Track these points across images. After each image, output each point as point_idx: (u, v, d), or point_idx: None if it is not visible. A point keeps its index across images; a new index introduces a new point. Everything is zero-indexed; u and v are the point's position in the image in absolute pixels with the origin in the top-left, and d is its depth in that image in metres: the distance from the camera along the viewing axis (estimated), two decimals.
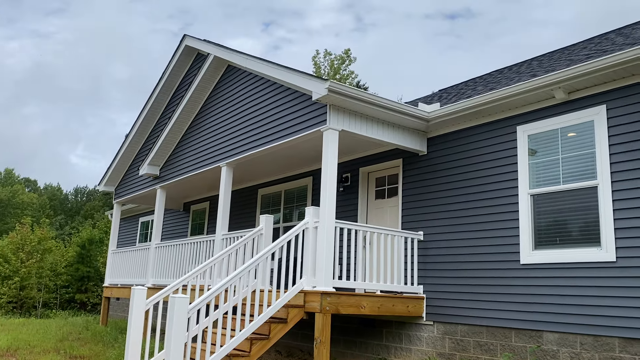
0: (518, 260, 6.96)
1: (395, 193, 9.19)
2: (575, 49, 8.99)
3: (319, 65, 36.72)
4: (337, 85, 7.15)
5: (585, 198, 6.42)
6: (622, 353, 5.84)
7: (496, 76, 10.07)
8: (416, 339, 8.13)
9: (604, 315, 6.02)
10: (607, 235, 6.12)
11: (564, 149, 6.75)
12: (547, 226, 6.82)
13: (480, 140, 7.77)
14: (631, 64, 5.93)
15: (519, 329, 6.83)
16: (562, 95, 6.69)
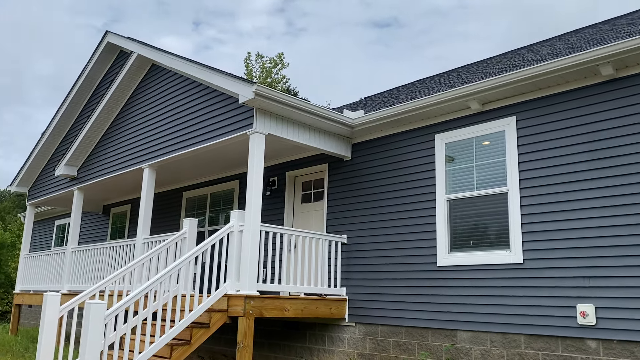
0: (435, 263, 7.28)
1: (321, 197, 9.33)
2: (491, 63, 9.53)
3: (251, 67, 36.51)
4: (264, 89, 7.18)
5: (497, 203, 6.82)
6: (527, 349, 6.25)
7: (418, 86, 10.47)
8: (338, 340, 8.28)
9: (511, 314, 6.42)
10: (516, 238, 6.53)
11: (478, 157, 7.14)
12: (462, 230, 7.18)
13: (401, 147, 8.06)
14: (538, 78, 6.38)
15: (435, 328, 7.13)
16: (476, 106, 7.08)
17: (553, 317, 6.06)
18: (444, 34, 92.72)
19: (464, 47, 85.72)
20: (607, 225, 5.81)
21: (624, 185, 5.78)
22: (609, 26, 8.26)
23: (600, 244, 5.83)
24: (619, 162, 5.85)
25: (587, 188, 6.04)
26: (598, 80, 6.15)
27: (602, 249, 5.80)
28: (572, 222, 6.08)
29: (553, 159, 6.39)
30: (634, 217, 5.64)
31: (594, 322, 5.73)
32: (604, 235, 5.82)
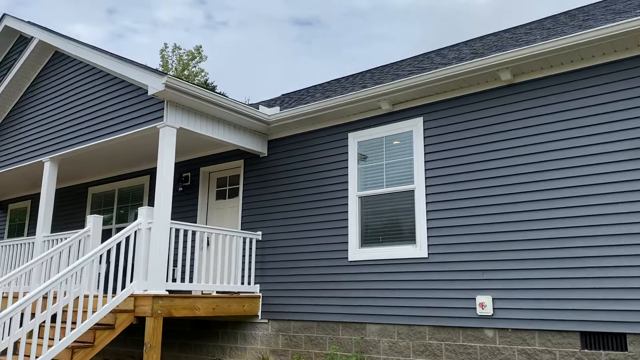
0: (346, 258, 7.43)
1: (236, 194, 9.22)
2: (402, 65, 9.86)
3: (167, 59, 35.35)
4: (175, 81, 6.98)
5: (405, 200, 7.07)
6: (431, 340, 6.54)
7: (334, 85, 10.62)
8: (251, 337, 8.24)
9: (417, 306, 6.69)
10: (421, 234, 6.80)
11: (388, 156, 7.36)
12: (372, 225, 7.38)
13: (316, 145, 8.14)
14: (443, 81, 6.68)
15: (346, 322, 7.28)
16: (387, 107, 7.29)
17: (455, 309, 6.38)
18: (362, 35, 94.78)
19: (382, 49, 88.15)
20: (502, 221, 6.20)
21: (518, 184, 6.18)
22: (509, 34, 8.79)
23: (496, 239, 6.21)
24: (516, 162, 6.25)
25: (486, 186, 6.41)
26: (498, 85, 6.53)
27: (498, 244, 6.18)
28: (472, 219, 6.43)
29: (456, 158, 6.71)
30: (526, 214, 6.05)
31: (491, 313, 6.10)
32: (500, 230, 6.20)
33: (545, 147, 6.08)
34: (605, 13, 7.23)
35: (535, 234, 5.95)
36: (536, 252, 5.91)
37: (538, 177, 6.06)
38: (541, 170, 6.05)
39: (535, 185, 6.05)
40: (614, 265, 5.44)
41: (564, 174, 5.89)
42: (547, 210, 5.92)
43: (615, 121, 5.70)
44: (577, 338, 5.60)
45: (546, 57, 5.96)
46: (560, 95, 6.10)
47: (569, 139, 5.94)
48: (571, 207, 5.78)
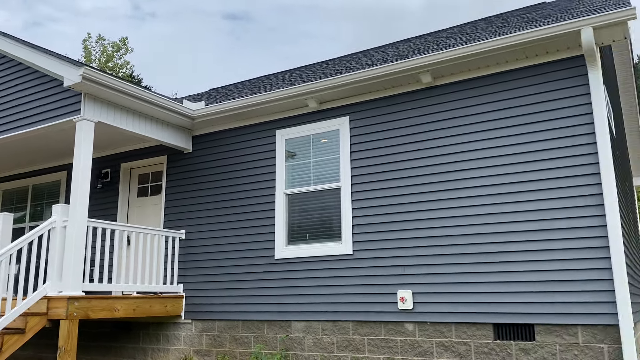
0: (273, 256, 7.41)
1: (159, 191, 8.95)
2: (330, 64, 9.94)
3: (90, 50, 33.76)
4: (93, 72, 6.67)
5: (331, 198, 7.15)
6: (354, 335, 6.65)
7: (263, 81, 10.55)
8: (174, 338, 8.03)
9: (341, 302, 6.78)
10: (346, 231, 6.90)
11: (315, 154, 7.41)
12: (299, 223, 7.40)
13: (243, 141, 8.05)
14: (368, 82, 6.81)
15: (272, 320, 7.27)
16: (314, 105, 7.33)
17: (378, 304, 6.53)
18: (295, 32, 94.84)
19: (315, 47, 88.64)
20: (423, 218, 6.41)
21: (437, 182, 6.41)
22: (432, 38, 9.09)
23: (416, 235, 6.41)
24: (435, 161, 6.48)
25: (407, 185, 6.60)
26: (420, 87, 6.74)
27: (418, 240, 6.39)
28: (395, 216, 6.61)
29: (380, 157, 6.87)
30: (444, 211, 6.29)
31: (412, 307, 6.30)
32: (420, 227, 6.41)
33: (463, 148, 6.34)
34: (519, 21, 7.64)
35: (452, 231, 6.20)
36: (453, 248, 6.16)
37: (455, 176, 6.31)
38: (458, 170, 6.30)
39: (452, 184, 6.30)
40: (523, 260, 5.77)
41: (478, 173, 6.18)
42: (463, 208, 6.19)
43: (525, 124, 6.04)
44: (490, 330, 5.89)
45: (463, 61, 6.22)
46: (477, 98, 6.39)
47: (485, 140, 6.23)
48: (485, 204, 6.07)
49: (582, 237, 5.53)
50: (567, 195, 5.67)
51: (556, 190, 5.73)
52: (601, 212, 5.47)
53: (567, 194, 5.67)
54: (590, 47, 5.51)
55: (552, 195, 5.73)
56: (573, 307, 5.48)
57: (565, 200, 5.67)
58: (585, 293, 5.44)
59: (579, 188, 5.62)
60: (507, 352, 5.75)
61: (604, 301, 5.34)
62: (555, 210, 5.69)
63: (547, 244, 5.67)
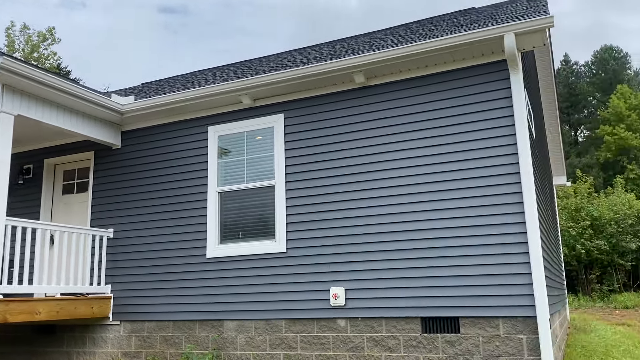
0: (205, 255, 7.29)
1: (85, 188, 8.59)
2: (266, 61, 9.89)
3: (13, 39, 31.88)
4: (12, 62, 6.30)
5: (265, 196, 7.12)
6: (287, 332, 6.67)
7: (197, 76, 10.34)
8: (101, 340, 7.75)
9: (274, 300, 6.78)
10: (280, 229, 6.90)
11: (249, 151, 7.35)
12: (232, 221, 7.32)
13: (174, 137, 7.87)
14: (302, 80, 6.83)
15: (204, 320, 7.15)
16: (248, 101, 7.27)
17: (310, 301, 6.57)
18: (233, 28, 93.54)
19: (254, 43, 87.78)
20: (355, 215, 6.52)
21: (369, 180, 6.53)
22: (367, 38, 9.24)
23: (349, 232, 6.51)
24: (368, 160, 6.59)
25: (340, 183, 6.68)
26: (353, 87, 6.83)
27: (351, 237, 6.49)
28: (328, 213, 6.67)
29: (315, 155, 6.91)
30: (375, 209, 6.42)
31: (344, 303, 6.39)
32: (352, 224, 6.51)
33: (395, 147, 6.49)
34: (449, 25, 7.89)
35: (384, 228, 6.34)
36: (384, 245, 6.30)
37: (387, 174, 6.45)
38: (390, 169, 6.45)
39: (383, 183, 6.44)
40: (449, 255, 5.98)
41: (409, 172, 6.34)
42: (393, 206, 6.34)
43: (452, 125, 6.26)
44: (418, 324, 6.08)
45: (395, 62, 6.36)
46: (408, 99, 6.55)
47: (415, 139, 6.40)
48: (414, 202, 6.25)
49: (503, 234, 5.80)
50: (490, 193, 5.93)
51: (479, 189, 5.98)
52: (520, 209, 5.76)
53: (490, 192, 5.93)
54: (512, 52, 5.78)
55: (476, 194, 5.98)
56: (495, 301, 5.74)
57: (487, 199, 5.92)
58: (505, 287, 5.71)
59: (500, 187, 5.90)
60: (433, 345, 5.95)
61: (522, 294, 5.63)
62: (479, 208, 5.94)
63: (471, 240, 5.91)
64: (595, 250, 20.87)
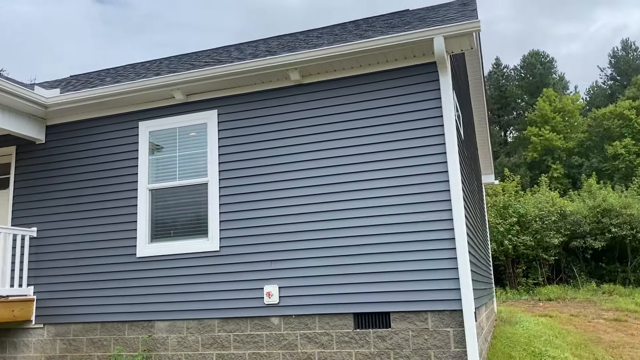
0: (134, 254, 7.07)
1: (6, 185, 8.12)
2: (201, 56, 9.71)
3: None
4: None
5: (198, 193, 7.00)
6: (220, 332, 6.58)
7: (129, 70, 10.00)
8: (23, 345, 7.36)
9: (207, 299, 6.67)
10: (214, 227, 6.80)
11: (181, 147, 7.19)
12: (164, 219, 7.14)
13: (103, 133, 7.58)
14: (236, 76, 6.74)
15: (134, 321, 6.94)
16: (181, 97, 7.11)
17: (244, 300, 6.53)
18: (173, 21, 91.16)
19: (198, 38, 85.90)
20: (289, 213, 6.52)
21: (303, 179, 6.55)
22: (304, 36, 9.25)
23: (283, 230, 6.51)
24: (303, 158, 6.61)
25: (275, 180, 6.67)
26: (288, 84, 6.83)
27: (285, 235, 6.49)
28: (262, 211, 6.64)
29: (250, 152, 6.85)
30: (309, 207, 6.45)
31: (277, 301, 6.38)
32: (286, 222, 6.51)
33: (328, 145, 6.55)
34: (383, 26, 8.04)
35: (317, 225, 6.38)
36: (316, 242, 6.35)
37: (321, 172, 6.50)
38: (323, 167, 6.50)
39: (317, 181, 6.48)
40: (380, 252, 6.11)
41: (341, 170, 6.42)
42: (327, 204, 6.40)
43: (383, 124, 6.38)
44: (351, 319, 6.16)
45: (329, 61, 6.41)
46: (342, 97, 6.62)
47: (348, 138, 6.49)
48: (346, 200, 6.34)
49: (431, 230, 5.98)
50: (419, 191, 6.09)
51: (409, 187, 6.14)
52: (448, 207, 5.96)
53: (419, 190, 6.10)
54: (441, 55, 5.97)
55: (405, 192, 6.13)
56: (424, 295, 5.91)
57: (416, 196, 6.09)
58: (433, 282, 5.90)
59: (429, 185, 6.08)
60: (365, 340, 6.06)
61: (449, 289, 5.83)
62: (408, 206, 6.10)
63: (400, 237, 6.06)
64: (522, 246, 21.90)
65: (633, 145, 42.45)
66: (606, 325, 12.68)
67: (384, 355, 5.96)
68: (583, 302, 18.82)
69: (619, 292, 19.67)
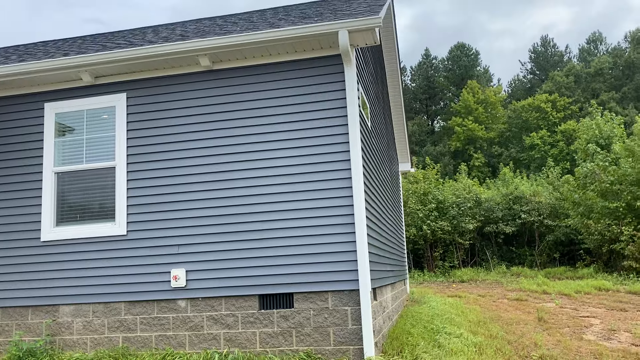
0: (39, 238, 6.94)
1: None
2: (116, 37, 9.49)
3: None
4: None
5: (105, 177, 6.94)
6: (127, 315, 6.62)
7: (39, 48, 9.61)
8: None
9: (113, 283, 6.68)
10: (121, 211, 6.79)
11: (89, 130, 7.09)
12: (70, 203, 7.04)
13: (5, 114, 7.33)
14: (146, 60, 6.69)
15: (37, 305, 6.84)
16: (88, 79, 6.99)
17: (151, 283, 6.59)
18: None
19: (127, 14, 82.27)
20: (196, 198, 6.63)
21: (211, 164, 6.67)
22: (222, 21, 9.26)
23: (190, 215, 6.61)
24: (210, 144, 6.71)
25: (183, 165, 6.74)
26: (199, 70, 6.88)
27: (192, 219, 6.59)
28: (170, 196, 6.70)
29: (158, 137, 6.87)
30: (216, 192, 6.59)
31: (184, 284, 6.50)
32: (193, 207, 6.62)
33: (237, 132, 6.68)
34: (298, 16, 8.20)
35: (223, 210, 6.54)
36: (223, 227, 6.50)
37: (228, 158, 6.64)
38: (230, 153, 6.64)
39: (224, 166, 6.62)
40: (284, 236, 6.35)
41: (247, 157, 6.59)
42: (233, 189, 6.56)
43: (291, 113, 6.60)
44: (256, 301, 6.39)
45: (239, 48, 6.52)
46: (252, 85, 6.77)
47: (257, 125, 6.65)
48: (252, 186, 6.52)
49: (332, 215, 6.28)
50: (322, 178, 6.37)
51: (313, 174, 6.40)
52: (349, 193, 6.28)
53: (322, 177, 6.37)
54: (345, 48, 6.22)
55: (309, 179, 6.40)
56: (325, 276, 6.23)
57: (320, 183, 6.37)
58: (334, 264, 6.22)
59: (332, 172, 6.36)
60: (269, 320, 6.31)
61: (348, 270, 6.17)
62: (312, 192, 6.37)
63: (304, 221, 6.33)
64: (439, 231, 23.05)
65: (548, 136, 45.32)
66: (508, 305, 13.70)
67: (286, 334, 6.24)
68: (493, 283, 20.14)
69: (525, 274, 21.19)
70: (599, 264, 20.77)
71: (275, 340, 6.25)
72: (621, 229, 18.94)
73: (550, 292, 15.96)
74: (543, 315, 10.84)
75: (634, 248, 18.12)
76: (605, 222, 19.42)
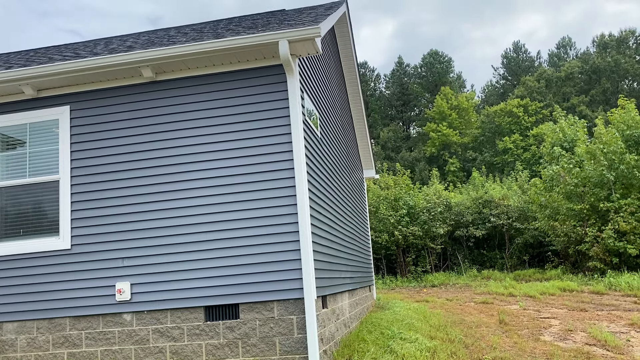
0: None
1: None
2: (68, 49, 9.39)
3: None
4: None
5: (49, 191, 6.85)
6: (72, 330, 6.52)
7: None
8: None
9: (58, 298, 6.58)
10: (65, 225, 6.69)
11: (32, 144, 7.00)
12: (14, 218, 6.92)
13: None
14: (88, 72, 6.63)
15: None
16: (31, 92, 6.91)
17: (96, 297, 6.50)
18: (76, 5, 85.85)
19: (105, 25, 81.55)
20: (141, 210, 6.57)
21: (156, 175, 6.62)
22: (176, 31, 9.24)
23: (135, 228, 6.55)
24: (155, 155, 6.67)
25: (128, 177, 6.68)
26: (142, 81, 6.84)
27: (137, 232, 6.53)
28: (115, 209, 6.63)
29: (103, 149, 6.80)
30: (161, 204, 6.54)
31: (129, 297, 6.42)
32: (139, 219, 6.56)
33: (181, 143, 6.65)
34: (248, 26, 8.21)
35: (168, 222, 6.49)
36: (168, 239, 6.45)
37: (172, 169, 6.60)
38: (175, 164, 6.61)
39: (169, 178, 6.58)
40: (229, 246, 6.33)
41: (192, 167, 6.56)
42: (177, 200, 6.52)
43: (235, 123, 6.59)
44: (201, 313, 6.34)
45: (181, 59, 6.49)
46: (196, 95, 6.74)
47: (200, 136, 6.63)
48: (196, 197, 6.49)
49: (277, 224, 6.28)
50: (266, 187, 6.37)
51: (257, 183, 6.40)
52: (293, 202, 6.29)
53: (266, 187, 6.38)
54: (286, 58, 6.24)
55: (253, 188, 6.39)
56: (270, 286, 6.21)
57: (264, 192, 6.37)
58: (279, 273, 6.21)
59: (275, 181, 6.37)
60: (215, 332, 6.27)
61: (293, 278, 6.17)
62: (256, 201, 6.37)
63: (248, 231, 6.31)
64: (411, 236, 23.19)
65: (520, 140, 46.04)
66: (473, 308, 13.83)
67: (232, 345, 6.20)
68: (462, 287, 20.31)
69: (494, 277, 21.43)
70: (567, 265, 21.10)
71: (221, 352, 6.21)
72: (586, 230, 19.29)
73: (516, 294, 16.16)
74: (504, 318, 10.97)
75: (598, 249, 18.46)
76: (570, 224, 19.76)
